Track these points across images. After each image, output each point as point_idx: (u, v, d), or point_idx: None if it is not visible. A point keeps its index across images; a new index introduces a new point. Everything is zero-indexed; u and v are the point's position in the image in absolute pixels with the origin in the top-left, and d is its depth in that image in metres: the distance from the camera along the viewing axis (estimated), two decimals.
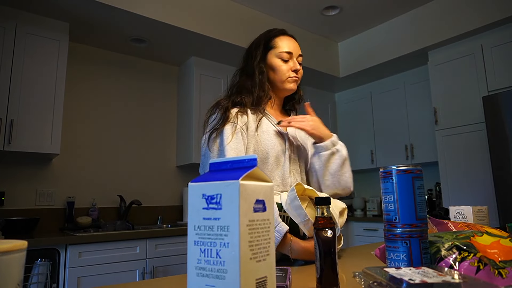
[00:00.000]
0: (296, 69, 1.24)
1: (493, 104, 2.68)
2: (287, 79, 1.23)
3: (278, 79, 1.24)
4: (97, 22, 2.70)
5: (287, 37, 1.27)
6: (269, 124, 1.21)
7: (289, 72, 1.23)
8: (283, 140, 1.20)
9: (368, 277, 0.54)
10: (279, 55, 1.23)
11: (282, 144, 1.19)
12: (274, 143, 1.16)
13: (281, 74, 1.23)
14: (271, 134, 1.18)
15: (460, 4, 3.07)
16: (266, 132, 1.17)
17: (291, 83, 1.25)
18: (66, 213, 2.73)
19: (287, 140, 1.21)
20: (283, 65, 1.23)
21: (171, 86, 3.51)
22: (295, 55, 1.26)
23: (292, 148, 1.22)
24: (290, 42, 1.26)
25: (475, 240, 0.65)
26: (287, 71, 1.23)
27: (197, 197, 0.46)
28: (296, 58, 1.26)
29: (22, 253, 0.40)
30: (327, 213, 0.67)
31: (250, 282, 0.43)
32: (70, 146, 2.85)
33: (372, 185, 4.26)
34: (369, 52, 3.74)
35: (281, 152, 1.17)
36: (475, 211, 1.11)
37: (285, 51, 1.23)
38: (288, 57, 1.24)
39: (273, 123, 1.22)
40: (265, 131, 1.17)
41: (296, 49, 1.27)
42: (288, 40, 1.26)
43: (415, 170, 0.66)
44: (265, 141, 1.15)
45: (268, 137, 1.16)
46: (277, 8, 3.35)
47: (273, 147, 1.15)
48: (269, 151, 1.14)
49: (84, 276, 2.17)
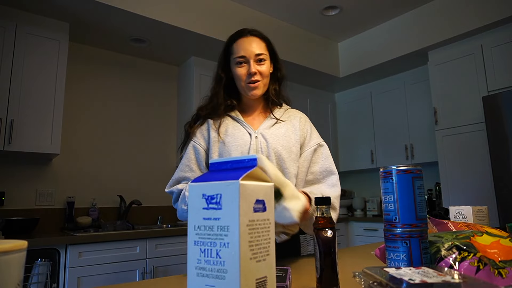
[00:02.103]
0: (251, 72, 1.19)
1: (493, 104, 2.68)
2: (245, 86, 1.21)
3: (239, 85, 1.24)
4: (97, 22, 2.70)
5: (243, 39, 1.23)
6: (238, 127, 1.22)
7: (245, 78, 1.20)
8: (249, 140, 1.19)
9: (368, 277, 0.54)
10: (234, 61, 1.22)
11: (247, 144, 1.18)
12: (238, 144, 1.17)
13: (240, 81, 1.22)
14: (236, 136, 1.19)
15: (460, 4, 3.07)
16: (231, 135, 1.19)
17: (250, 90, 1.21)
18: (66, 213, 2.73)
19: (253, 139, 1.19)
20: (239, 70, 1.21)
21: (171, 86, 3.51)
22: (251, 57, 1.20)
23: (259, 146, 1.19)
24: (245, 44, 1.21)
25: (475, 240, 0.65)
26: (243, 76, 1.21)
27: (197, 197, 0.46)
28: (253, 60, 1.20)
29: (22, 253, 0.40)
30: (326, 213, 0.67)
31: (250, 282, 0.43)
32: (70, 146, 2.85)
33: (372, 185, 4.26)
34: (369, 52, 3.74)
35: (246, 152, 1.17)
36: (475, 211, 1.11)
37: (238, 56, 1.20)
38: (243, 61, 1.21)
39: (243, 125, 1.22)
40: (230, 135, 1.20)
41: (252, 50, 1.20)
42: (243, 43, 1.21)
43: (415, 170, 0.66)
44: (229, 144, 1.17)
45: (233, 140, 1.18)
46: (277, 8, 3.35)
47: (236, 149, 1.16)
48: (232, 153, 1.16)
49: (84, 276, 2.17)
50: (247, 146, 1.18)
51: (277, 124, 1.26)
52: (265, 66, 1.22)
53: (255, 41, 1.23)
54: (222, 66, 1.26)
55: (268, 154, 1.18)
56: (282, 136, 1.22)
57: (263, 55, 1.21)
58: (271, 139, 1.20)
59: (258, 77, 1.20)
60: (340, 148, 4.37)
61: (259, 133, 1.21)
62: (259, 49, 1.21)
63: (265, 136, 1.21)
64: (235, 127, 1.22)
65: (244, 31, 1.25)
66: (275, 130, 1.23)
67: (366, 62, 3.75)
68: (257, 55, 1.20)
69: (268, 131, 1.23)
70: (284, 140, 1.22)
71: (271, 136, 1.21)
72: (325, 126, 4.29)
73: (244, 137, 1.19)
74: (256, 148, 1.18)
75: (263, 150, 1.19)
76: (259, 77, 1.21)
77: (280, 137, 1.22)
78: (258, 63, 1.21)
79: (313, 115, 4.18)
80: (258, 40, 1.24)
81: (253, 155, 0.48)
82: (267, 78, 1.25)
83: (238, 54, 1.20)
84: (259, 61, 1.21)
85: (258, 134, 1.21)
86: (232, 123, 1.24)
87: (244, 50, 1.20)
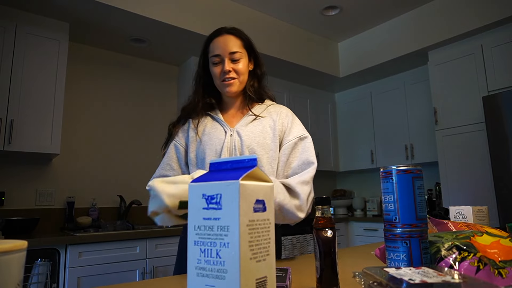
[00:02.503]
0: (224, 70, 1.20)
1: (493, 104, 2.68)
2: (220, 83, 1.23)
3: (216, 83, 1.25)
4: (97, 22, 2.70)
5: (218, 38, 1.24)
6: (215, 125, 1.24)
7: (220, 76, 1.22)
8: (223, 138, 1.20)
9: (368, 277, 0.54)
10: (211, 60, 1.24)
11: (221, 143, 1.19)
12: (213, 142, 1.19)
13: (216, 79, 1.24)
14: (212, 135, 1.21)
15: (460, 4, 3.07)
16: (208, 134, 1.21)
17: (225, 87, 1.22)
18: (66, 213, 2.72)
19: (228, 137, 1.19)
20: (214, 69, 1.23)
21: (171, 86, 3.51)
22: (225, 55, 1.21)
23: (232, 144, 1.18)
24: (219, 42, 1.23)
25: (475, 240, 0.65)
26: (218, 75, 1.22)
27: (197, 197, 0.46)
28: (228, 58, 1.21)
29: (22, 253, 0.40)
30: (326, 213, 0.67)
31: (250, 282, 0.43)
32: (70, 146, 2.85)
33: (372, 185, 4.26)
34: (369, 52, 3.74)
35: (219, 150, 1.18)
36: (475, 211, 1.11)
37: (213, 54, 1.22)
38: (217, 60, 1.22)
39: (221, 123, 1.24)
40: (207, 134, 1.22)
41: (226, 48, 1.21)
42: (218, 42, 1.23)
43: (415, 170, 0.66)
44: (205, 143, 1.20)
45: (208, 139, 1.20)
46: (277, 8, 3.35)
47: (210, 147, 1.18)
48: (207, 152, 1.18)
49: (84, 276, 2.17)
50: (221, 144, 1.19)
51: (256, 121, 1.23)
52: (240, 64, 1.22)
53: (230, 39, 1.23)
54: (201, 65, 1.29)
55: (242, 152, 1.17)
56: (258, 133, 1.20)
57: (238, 53, 1.21)
58: (246, 137, 1.19)
59: (232, 75, 1.21)
60: (340, 148, 4.37)
61: (234, 131, 1.21)
62: (234, 47, 1.22)
63: (240, 134, 1.19)
64: (213, 126, 1.24)
65: (221, 30, 1.26)
66: (252, 127, 1.21)
67: (366, 62, 3.75)
68: (232, 53, 1.21)
69: (244, 128, 1.21)
70: (260, 137, 1.19)
71: (247, 134, 1.19)
72: (325, 126, 4.29)
73: (219, 135, 1.20)
74: (230, 146, 1.18)
75: (237, 148, 1.18)
76: (234, 75, 1.21)
77: (257, 134, 1.19)
78: (233, 62, 1.21)
79: (313, 115, 4.18)
80: (234, 38, 1.24)
81: (253, 155, 0.48)
82: (244, 76, 1.24)
83: (213, 53, 1.22)
84: (233, 59, 1.21)
85: (233, 132, 1.21)
86: (210, 122, 1.26)
87: (218, 49, 1.22)
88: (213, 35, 1.26)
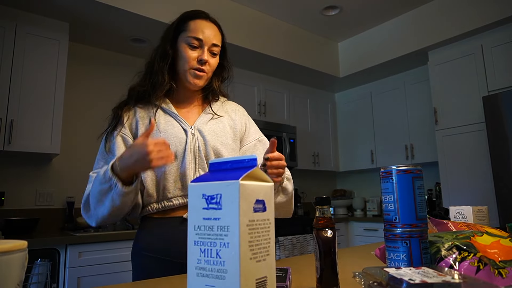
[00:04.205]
0: (202, 59, 1.07)
1: (493, 104, 2.68)
2: (189, 70, 1.08)
3: (182, 67, 1.09)
4: (97, 22, 2.70)
5: (203, 21, 1.11)
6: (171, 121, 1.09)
7: (193, 62, 1.07)
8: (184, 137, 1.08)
9: (368, 277, 0.54)
10: (187, 40, 1.08)
11: (182, 142, 1.07)
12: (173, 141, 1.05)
13: (184, 62, 1.08)
14: (169, 133, 1.06)
15: (460, 4, 3.07)
16: (164, 131, 1.06)
17: (193, 77, 1.08)
18: (66, 213, 2.72)
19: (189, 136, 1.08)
20: (189, 52, 1.07)
21: None
22: (207, 44, 1.08)
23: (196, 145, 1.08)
24: (205, 27, 1.09)
25: (475, 240, 0.65)
26: (192, 60, 1.07)
27: (197, 197, 0.46)
28: (208, 48, 1.09)
29: (22, 253, 0.40)
30: (326, 213, 0.67)
31: (250, 282, 0.43)
32: (70, 146, 2.85)
33: (372, 185, 4.26)
34: (369, 52, 3.74)
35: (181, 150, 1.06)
36: (475, 211, 1.11)
37: (194, 36, 1.07)
38: (197, 44, 1.08)
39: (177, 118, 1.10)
40: (163, 130, 1.06)
41: (211, 37, 1.09)
42: (203, 25, 1.09)
43: (415, 170, 0.66)
44: None
45: (165, 136, 1.05)
46: (277, 8, 3.35)
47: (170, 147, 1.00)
48: None
49: (84, 276, 2.17)
50: (182, 144, 1.06)
51: (214, 119, 1.15)
52: (215, 59, 1.12)
53: (214, 29, 1.12)
54: (170, 42, 1.11)
55: (206, 152, 1.08)
56: (220, 132, 1.12)
57: (217, 48, 1.12)
58: (209, 136, 1.09)
59: (206, 68, 1.09)
60: (340, 148, 4.37)
61: (195, 129, 1.10)
62: (216, 40, 1.11)
63: (203, 133, 1.09)
64: (168, 121, 1.09)
65: (206, 14, 1.14)
66: (213, 126, 1.12)
67: (366, 62, 3.75)
68: (213, 45, 1.10)
69: (205, 126, 1.11)
70: (223, 137, 1.12)
71: (209, 133, 1.10)
72: (325, 126, 4.29)
73: (179, 134, 1.07)
74: (193, 146, 1.07)
75: (201, 148, 1.08)
76: (207, 68, 1.10)
77: (219, 133, 1.12)
78: (211, 54, 1.10)
79: (313, 115, 4.18)
80: (217, 30, 1.14)
81: (253, 155, 0.48)
82: (212, 72, 1.14)
83: (194, 34, 1.07)
84: (212, 52, 1.11)
85: (194, 130, 1.09)
86: (163, 117, 1.10)
87: (202, 33, 1.08)
88: (195, 14, 1.13)
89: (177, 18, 1.15)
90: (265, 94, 3.70)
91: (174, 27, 1.13)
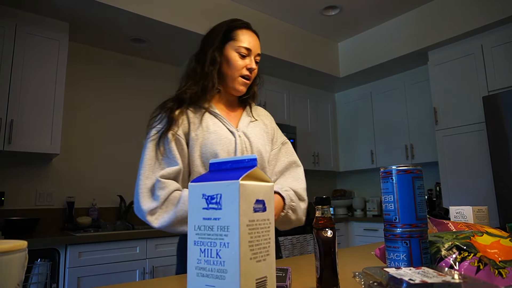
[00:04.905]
0: (251, 67, 1.17)
1: (493, 104, 2.68)
2: (238, 78, 1.16)
3: (231, 74, 1.17)
4: (97, 22, 2.70)
5: (250, 32, 1.20)
6: (217, 123, 1.15)
7: (243, 70, 1.16)
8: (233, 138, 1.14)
9: (368, 277, 0.54)
10: (237, 49, 1.16)
11: (232, 143, 1.13)
12: (224, 143, 1.11)
13: (235, 70, 1.16)
14: (220, 134, 1.12)
15: (460, 4, 3.07)
16: (214, 133, 1.12)
17: (241, 85, 1.17)
18: (66, 213, 2.72)
19: (237, 138, 1.14)
20: (239, 60, 1.16)
21: (171, 86, 3.49)
22: (254, 53, 1.18)
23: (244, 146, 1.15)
24: (251, 38, 1.19)
25: (475, 240, 0.65)
26: (242, 68, 1.16)
27: (197, 197, 0.46)
28: (254, 57, 1.19)
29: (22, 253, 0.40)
30: (326, 213, 0.67)
31: (250, 282, 0.43)
32: (70, 146, 2.85)
33: (372, 185, 4.26)
34: (369, 52, 3.74)
35: (232, 151, 1.12)
36: (475, 211, 1.11)
37: (244, 46, 1.16)
38: (246, 53, 1.17)
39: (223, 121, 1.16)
40: (213, 132, 1.12)
41: (256, 47, 1.19)
42: (250, 36, 1.19)
43: (415, 170, 0.66)
44: (214, 142, 1.10)
45: (216, 138, 1.11)
46: (277, 8, 3.35)
47: (222, 148, 1.10)
48: (218, 152, 1.09)
49: (84, 276, 2.17)
50: (232, 145, 1.12)
51: (252, 123, 1.23)
52: (257, 68, 1.21)
53: (257, 40, 1.22)
54: (218, 49, 1.17)
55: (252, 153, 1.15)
56: (259, 135, 1.21)
57: (259, 57, 1.21)
58: (253, 138, 1.17)
59: (252, 75, 1.20)
60: (340, 148, 4.37)
61: (240, 131, 1.17)
62: (260, 50, 1.22)
63: (247, 135, 1.17)
64: (215, 123, 1.14)
65: (249, 24, 1.23)
66: (252, 129, 1.20)
67: (366, 62, 3.75)
68: (258, 55, 1.20)
69: (248, 129, 1.19)
70: (262, 139, 1.20)
71: (252, 135, 1.18)
72: (325, 126, 4.29)
73: (228, 135, 1.13)
74: (241, 147, 1.13)
75: (248, 149, 1.15)
76: (253, 75, 1.20)
77: (258, 136, 1.20)
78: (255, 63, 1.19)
79: (313, 115, 4.18)
80: (259, 41, 1.23)
81: (253, 155, 0.48)
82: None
83: (244, 44, 1.16)
84: (256, 61, 1.20)
85: (240, 132, 1.16)
86: (210, 118, 1.15)
87: (249, 43, 1.17)
88: (243, 25, 1.21)
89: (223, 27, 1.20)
90: (265, 94, 3.69)
91: (222, 36, 1.19)
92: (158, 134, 1.10)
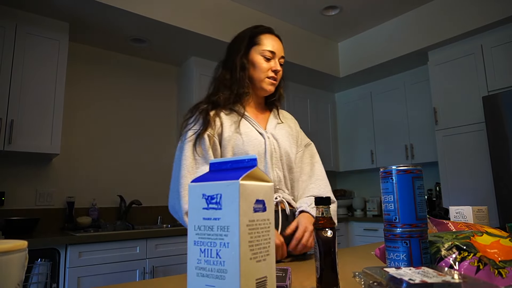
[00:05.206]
0: (276, 69, 1.23)
1: (493, 104, 2.68)
2: (265, 79, 1.23)
3: (257, 77, 1.23)
4: (97, 22, 2.70)
5: (272, 36, 1.28)
6: (247, 124, 1.20)
7: (269, 72, 1.23)
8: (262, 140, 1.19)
9: (368, 277, 0.54)
10: (262, 53, 1.23)
11: (262, 144, 1.18)
12: (254, 144, 1.17)
13: (261, 73, 1.23)
14: (250, 135, 1.18)
15: (460, 4, 3.07)
16: (245, 134, 1.17)
17: (268, 84, 1.24)
18: (66, 213, 2.72)
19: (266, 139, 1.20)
20: (264, 63, 1.23)
21: (171, 86, 3.51)
22: (278, 56, 1.25)
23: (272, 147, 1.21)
24: (274, 42, 1.26)
25: (475, 240, 0.65)
26: (267, 70, 1.23)
27: (197, 197, 0.46)
28: (278, 59, 1.26)
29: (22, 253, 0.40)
30: (326, 213, 0.67)
31: (250, 282, 0.43)
32: (70, 146, 2.85)
33: (372, 185, 4.26)
34: (369, 52, 3.74)
35: (262, 152, 1.17)
36: (475, 211, 1.11)
37: (268, 49, 1.23)
38: (270, 56, 1.23)
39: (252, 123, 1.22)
40: (244, 133, 1.17)
41: (280, 50, 1.27)
42: (273, 40, 1.26)
43: (415, 170, 0.66)
44: (245, 143, 1.15)
45: (247, 139, 1.16)
46: (277, 8, 3.35)
47: (253, 149, 1.15)
48: (249, 153, 1.14)
49: (84, 276, 2.17)
50: (262, 146, 1.18)
51: (279, 125, 1.28)
52: (282, 70, 1.27)
53: (280, 44, 1.29)
54: (245, 55, 1.24)
55: (280, 155, 1.21)
56: (286, 137, 1.26)
57: (283, 60, 1.28)
58: (281, 140, 1.23)
59: (278, 76, 1.25)
60: (340, 148, 4.37)
61: (269, 133, 1.22)
62: (283, 53, 1.28)
63: (276, 137, 1.22)
64: (245, 124, 1.20)
65: (272, 29, 1.30)
66: (279, 131, 1.26)
67: (366, 62, 3.75)
68: (282, 57, 1.27)
69: (275, 131, 1.25)
70: (288, 141, 1.26)
71: (280, 137, 1.23)
72: (325, 126, 4.29)
73: (258, 137, 1.19)
74: (270, 148, 1.19)
75: (276, 151, 1.20)
76: (279, 76, 1.26)
77: (285, 137, 1.25)
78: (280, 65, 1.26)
79: (313, 115, 4.18)
80: (282, 44, 1.30)
81: (253, 155, 0.48)
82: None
83: (268, 48, 1.23)
84: (280, 64, 1.26)
85: (268, 134, 1.22)
86: (241, 121, 1.21)
87: (273, 47, 1.24)
88: (266, 30, 1.28)
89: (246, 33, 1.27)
90: None
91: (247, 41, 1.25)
92: (195, 135, 1.13)
